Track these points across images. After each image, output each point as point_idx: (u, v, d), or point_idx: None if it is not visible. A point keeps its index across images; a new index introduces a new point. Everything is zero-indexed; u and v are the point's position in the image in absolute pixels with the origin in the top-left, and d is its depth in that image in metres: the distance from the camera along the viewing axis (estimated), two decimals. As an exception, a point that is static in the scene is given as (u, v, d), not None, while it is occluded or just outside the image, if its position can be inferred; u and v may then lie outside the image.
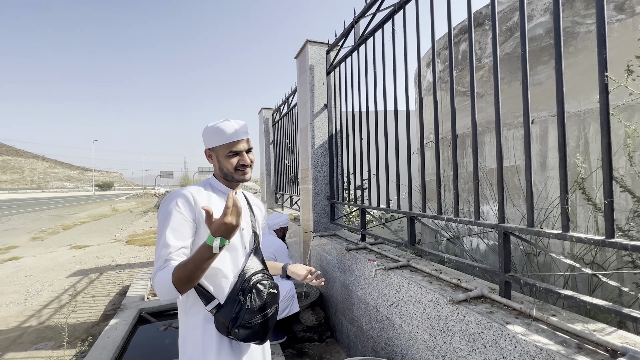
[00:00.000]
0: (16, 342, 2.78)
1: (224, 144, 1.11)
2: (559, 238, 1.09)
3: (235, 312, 1.03)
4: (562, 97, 1.08)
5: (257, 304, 1.06)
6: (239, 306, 1.03)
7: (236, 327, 1.02)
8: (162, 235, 0.98)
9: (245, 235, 1.17)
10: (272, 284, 1.14)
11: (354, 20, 2.46)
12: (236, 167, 1.12)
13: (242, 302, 1.04)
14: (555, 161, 2.13)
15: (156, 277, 0.94)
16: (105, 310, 3.41)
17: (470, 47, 1.43)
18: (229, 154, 1.11)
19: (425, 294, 1.49)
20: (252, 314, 1.04)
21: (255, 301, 1.06)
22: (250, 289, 1.07)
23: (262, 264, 1.18)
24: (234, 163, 1.12)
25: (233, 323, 1.02)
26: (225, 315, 1.03)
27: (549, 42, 2.13)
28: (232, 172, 1.13)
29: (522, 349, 1.02)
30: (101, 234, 9.06)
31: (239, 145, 1.11)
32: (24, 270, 5.27)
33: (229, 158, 1.12)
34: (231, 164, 1.12)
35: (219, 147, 1.12)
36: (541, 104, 2.18)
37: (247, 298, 1.05)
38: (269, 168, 6.36)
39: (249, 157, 1.15)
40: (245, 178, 1.14)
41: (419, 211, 1.81)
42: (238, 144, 1.11)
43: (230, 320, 1.02)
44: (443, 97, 3.20)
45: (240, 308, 1.03)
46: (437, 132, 1.62)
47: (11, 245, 7.55)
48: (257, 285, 1.08)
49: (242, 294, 1.05)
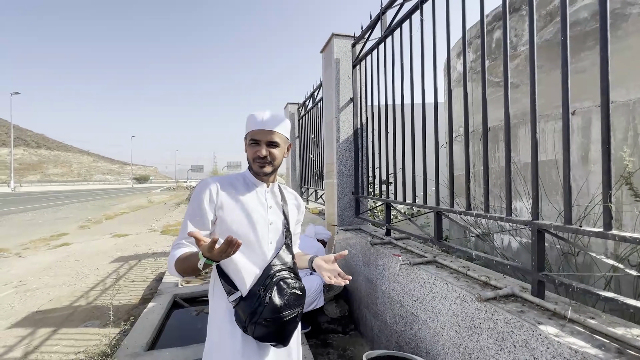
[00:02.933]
0: (69, 319, 3.08)
1: (250, 131, 1.11)
2: (599, 236, 1.02)
3: (254, 307, 1.00)
4: (607, 85, 1.00)
5: (277, 301, 1.01)
6: (257, 301, 1.00)
7: (252, 323, 0.99)
8: (185, 219, 1.07)
9: (272, 230, 1.13)
10: (298, 284, 1.09)
11: (380, 11, 2.41)
12: (254, 158, 1.10)
13: (261, 298, 1.00)
14: (599, 155, 1.98)
15: (170, 254, 1.03)
16: (144, 294, 3.67)
17: (504, 34, 1.36)
18: (250, 141, 1.10)
19: (452, 291, 1.47)
20: (271, 312, 0.99)
21: (275, 298, 1.01)
22: (272, 285, 1.02)
23: (291, 262, 1.14)
24: (253, 153, 1.10)
25: (250, 318, 0.99)
26: (244, 309, 1.01)
27: (594, 26, 1.96)
28: (251, 161, 1.12)
29: (555, 351, 0.98)
30: (139, 224, 9.69)
31: (260, 134, 1.08)
32: (74, 255, 5.78)
33: (250, 146, 1.11)
34: (250, 153, 1.11)
35: (248, 133, 1.12)
36: (584, 93, 2.02)
37: (267, 294, 1.00)
38: (295, 162, 6.45)
39: (270, 150, 1.09)
40: (262, 171, 1.11)
41: (446, 206, 1.77)
42: (260, 133, 1.08)
43: (249, 314, 0.99)
44: (474, 88, 3.06)
45: (259, 304, 0.99)
46: (467, 125, 1.57)
47: (62, 232, 8.29)
48: (280, 283, 1.04)
49: (264, 289, 1.01)
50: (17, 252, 6.11)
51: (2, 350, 2.52)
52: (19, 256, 5.77)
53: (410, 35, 2.03)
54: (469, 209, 1.58)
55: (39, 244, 6.88)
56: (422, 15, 1.91)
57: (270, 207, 1.15)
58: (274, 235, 1.14)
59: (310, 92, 4.95)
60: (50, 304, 3.46)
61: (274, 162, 1.11)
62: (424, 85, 1.96)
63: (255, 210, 1.11)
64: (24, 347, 2.57)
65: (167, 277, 3.81)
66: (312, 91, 4.82)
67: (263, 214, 1.12)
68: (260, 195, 1.14)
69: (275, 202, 1.18)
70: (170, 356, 2.05)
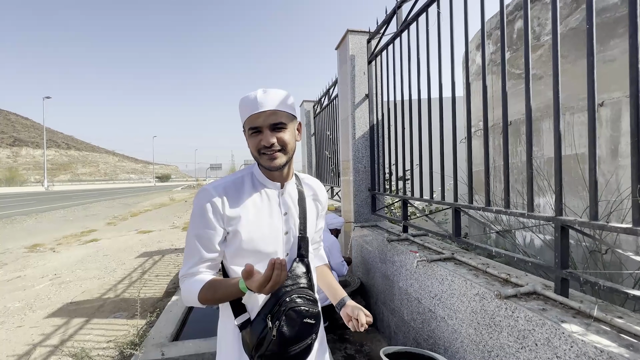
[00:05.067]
0: (99, 310, 3.27)
1: (246, 119, 0.87)
2: (628, 233, 0.98)
3: (261, 337, 0.84)
4: (637, 75, 0.96)
5: (287, 334, 0.83)
6: (264, 332, 0.83)
7: (259, 356, 0.84)
8: (190, 239, 0.89)
9: (287, 241, 0.94)
10: (311, 310, 0.88)
11: (396, 5, 2.38)
12: (259, 150, 0.87)
13: (268, 329, 0.82)
14: (629, 148, 1.88)
15: (184, 284, 0.88)
16: (167, 288, 3.83)
17: (525, 23, 1.31)
18: (250, 131, 0.87)
19: (471, 288, 1.45)
20: (278, 346, 0.83)
21: (284, 330, 0.83)
22: (281, 315, 0.83)
23: (305, 278, 0.92)
24: (256, 144, 0.87)
25: (256, 349, 0.84)
26: (250, 336, 0.86)
27: (624, 12, 1.85)
28: (257, 157, 0.89)
29: (579, 350, 0.95)
30: (162, 221, 10.06)
31: (259, 119, 0.84)
32: (102, 250, 6.09)
33: (251, 138, 0.88)
34: (253, 146, 0.88)
35: (244, 123, 0.89)
36: (614, 83, 1.92)
37: (275, 325, 0.82)
38: (311, 160, 6.48)
39: (278, 135, 0.86)
40: (273, 164, 0.87)
41: (464, 203, 1.74)
42: (259, 117, 0.84)
43: (255, 345, 0.84)
44: (494, 81, 2.97)
45: (265, 336, 0.83)
46: (486, 119, 1.53)
47: (92, 228, 8.75)
48: (290, 312, 0.84)
49: (271, 318, 0.83)
50: (51, 247, 6.51)
51: (40, 337, 2.71)
52: (53, 251, 6.15)
53: (426, 29, 2.00)
54: (488, 205, 1.55)
55: (71, 239, 7.30)
56: (439, 8, 1.87)
57: (285, 213, 0.95)
58: (288, 246, 0.95)
59: (325, 89, 4.95)
60: (82, 296, 3.68)
61: (286, 149, 0.88)
62: (442, 80, 1.93)
63: (268, 219, 0.92)
64: (60, 335, 2.75)
65: (189, 271, 3.96)
66: (328, 88, 4.82)
67: (277, 223, 0.93)
68: (272, 201, 0.94)
69: (292, 206, 0.96)
70: (193, 347, 2.13)
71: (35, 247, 6.47)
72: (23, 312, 3.29)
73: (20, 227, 9.11)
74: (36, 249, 6.36)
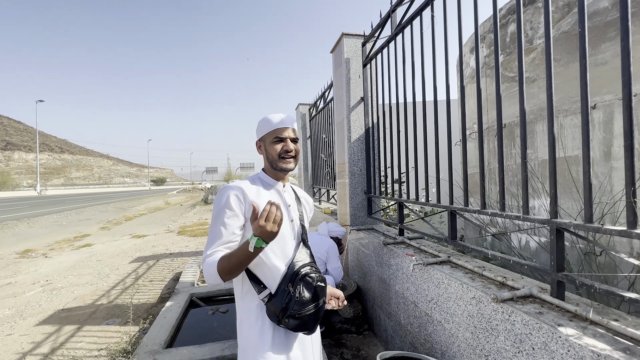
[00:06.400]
0: (91, 317, 3.20)
1: (271, 130, 1.17)
2: (622, 235, 0.98)
3: (285, 302, 1.06)
4: (629, 78, 0.96)
5: (306, 295, 1.08)
6: (288, 297, 1.07)
7: (286, 317, 1.06)
8: (214, 227, 1.08)
9: (295, 228, 1.20)
10: (320, 277, 1.16)
11: (390, 9, 2.39)
12: (280, 154, 1.16)
13: (291, 294, 1.07)
14: (621, 150, 1.89)
15: (205, 263, 1.04)
16: (162, 294, 3.77)
17: (518, 27, 1.32)
18: (274, 140, 1.16)
19: (467, 291, 1.44)
20: (301, 305, 1.06)
21: (304, 293, 1.08)
22: (299, 281, 1.09)
23: (310, 257, 1.20)
24: (278, 149, 1.16)
25: (283, 313, 1.06)
26: (276, 305, 1.07)
27: (615, 16, 1.88)
28: (276, 159, 1.16)
29: (576, 354, 0.95)
30: (156, 225, 9.95)
31: (284, 132, 1.16)
32: (95, 255, 6.00)
33: (274, 144, 1.16)
34: (275, 150, 1.16)
35: (266, 135, 1.18)
36: (606, 86, 1.94)
37: (297, 290, 1.07)
38: (307, 163, 6.47)
39: (294, 146, 1.18)
40: (289, 167, 1.17)
41: (460, 205, 1.73)
42: (283, 131, 1.16)
43: (281, 310, 1.06)
44: (488, 84, 2.99)
45: (290, 299, 1.06)
46: (481, 122, 1.53)
47: (85, 233, 8.62)
48: (306, 278, 1.10)
49: (292, 285, 1.08)
50: (43, 252, 6.40)
51: (30, 346, 2.65)
52: (45, 256, 6.04)
53: (421, 32, 2.01)
54: (483, 208, 1.55)
55: (64, 244, 7.18)
56: (433, 12, 1.88)
57: (289, 205, 1.21)
58: (294, 232, 1.20)
59: (321, 92, 4.95)
60: (74, 302, 3.61)
61: (297, 157, 1.20)
62: (436, 83, 1.93)
63: None
64: (50, 343, 2.69)
65: (183, 277, 3.90)
66: (323, 91, 4.83)
67: (285, 212, 1.18)
68: (280, 194, 1.21)
69: (292, 200, 1.24)
70: (187, 354, 2.09)
71: (27, 253, 6.36)
72: (13, 320, 3.21)
73: (12, 232, 8.96)
74: (28, 254, 6.25)
